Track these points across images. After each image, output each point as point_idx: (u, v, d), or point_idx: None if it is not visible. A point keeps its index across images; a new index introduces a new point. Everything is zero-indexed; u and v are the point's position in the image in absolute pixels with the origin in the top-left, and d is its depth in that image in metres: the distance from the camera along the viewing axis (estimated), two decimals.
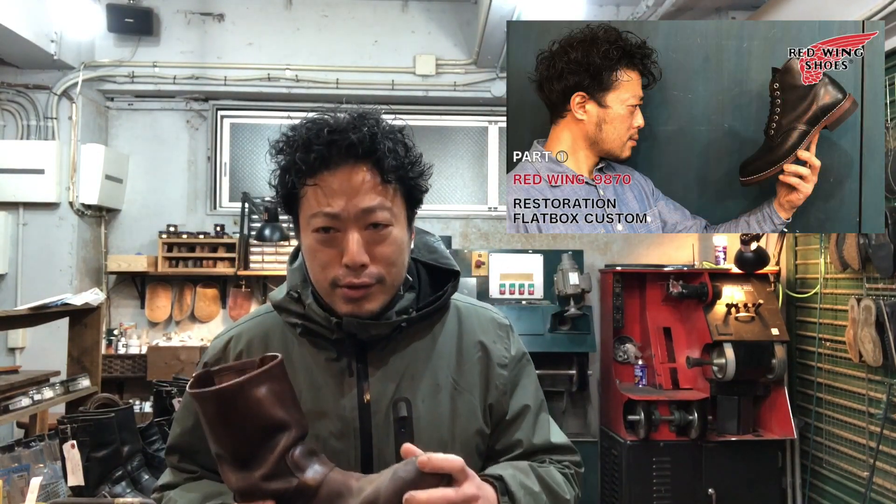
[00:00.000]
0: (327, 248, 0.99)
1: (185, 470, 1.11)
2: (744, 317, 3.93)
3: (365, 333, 1.02)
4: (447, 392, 1.07)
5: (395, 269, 1.02)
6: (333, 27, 4.54)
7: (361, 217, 0.98)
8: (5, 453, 1.91)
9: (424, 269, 1.13)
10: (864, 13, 3.29)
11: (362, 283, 0.99)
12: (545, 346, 4.06)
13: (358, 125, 0.99)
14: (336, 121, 0.99)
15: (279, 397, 0.88)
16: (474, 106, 4.72)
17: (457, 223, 4.76)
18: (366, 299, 1.01)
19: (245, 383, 0.85)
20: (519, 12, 3.65)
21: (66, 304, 2.75)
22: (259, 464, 0.86)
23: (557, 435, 1.15)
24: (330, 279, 1.00)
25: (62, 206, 4.24)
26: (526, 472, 1.04)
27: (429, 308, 1.07)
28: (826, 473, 3.85)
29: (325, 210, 0.97)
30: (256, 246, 4.41)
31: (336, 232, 0.99)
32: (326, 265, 1.00)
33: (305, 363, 1.06)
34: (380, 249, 1.00)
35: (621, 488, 3.91)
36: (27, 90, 4.26)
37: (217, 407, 0.85)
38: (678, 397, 3.92)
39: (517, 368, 1.15)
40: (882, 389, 3.34)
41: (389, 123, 1.03)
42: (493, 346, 1.12)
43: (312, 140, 0.97)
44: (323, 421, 1.02)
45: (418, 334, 1.08)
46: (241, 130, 4.79)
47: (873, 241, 3.28)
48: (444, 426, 1.05)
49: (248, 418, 0.85)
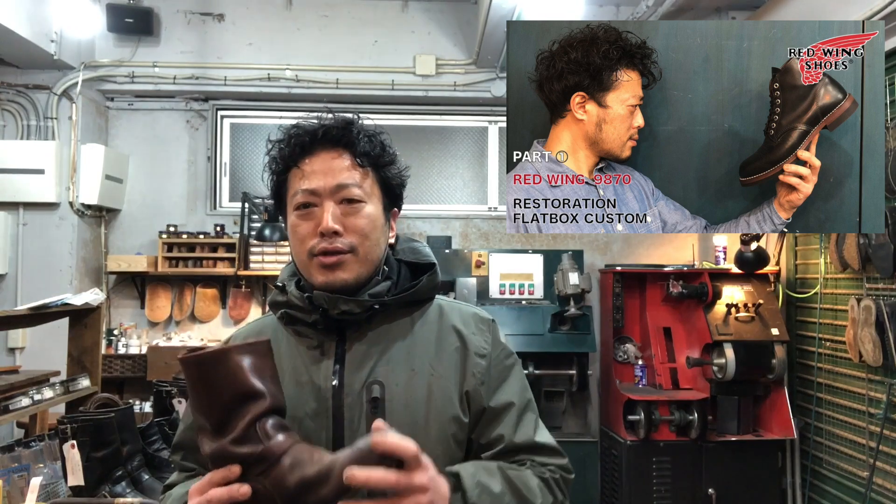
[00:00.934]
0: (306, 221, 1.10)
1: (186, 468, 1.15)
2: (744, 317, 3.93)
3: (334, 308, 1.08)
4: (423, 378, 1.10)
5: (369, 243, 1.11)
6: (333, 27, 4.54)
7: (336, 192, 1.09)
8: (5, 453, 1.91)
9: (407, 269, 1.19)
10: (864, 13, 3.29)
11: (335, 248, 1.08)
12: (545, 346, 4.06)
13: (336, 121, 1.13)
14: (319, 119, 1.14)
15: (257, 369, 0.94)
16: (474, 106, 4.72)
17: (457, 223, 4.76)
18: (339, 268, 1.08)
19: (227, 350, 0.92)
20: (519, 12, 3.65)
21: (66, 304, 2.75)
22: (230, 430, 0.91)
23: (543, 436, 1.15)
24: (307, 250, 1.09)
25: (62, 206, 4.24)
26: (491, 471, 1.04)
27: (403, 294, 1.13)
28: (826, 473, 3.85)
29: (304, 187, 1.10)
30: (256, 246, 4.41)
31: (314, 207, 1.10)
32: (304, 237, 1.10)
33: (290, 352, 1.13)
34: (352, 221, 1.09)
35: (621, 488, 3.91)
36: (27, 90, 4.26)
37: (199, 371, 0.91)
38: (678, 397, 3.92)
39: (502, 365, 1.16)
40: (882, 389, 3.34)
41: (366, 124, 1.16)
42: (472, 337, 1.15)
43: (298, 133, 1.12)
44: (300, 403, 1.07)
45: (397, 322, 1.14)
46: (241, 130, 4.79)
47: (873, 241, 3.28)
48: (418, 410, 1.08)
49: (225, 384, 0.91)
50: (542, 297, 4.36)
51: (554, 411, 4.36)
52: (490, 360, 1.14)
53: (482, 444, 1.12)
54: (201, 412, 0.93)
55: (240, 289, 4.56)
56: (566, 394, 4.30)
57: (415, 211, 4.72)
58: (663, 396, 3.93)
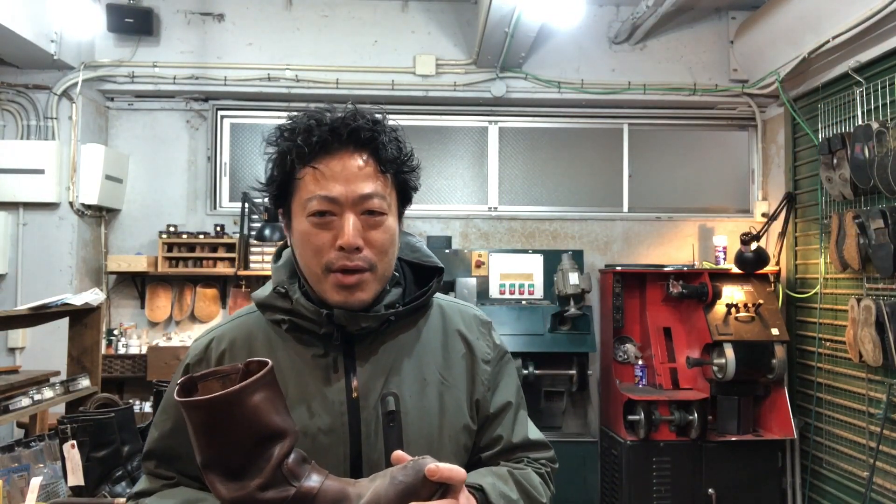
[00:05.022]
0: (322, 231, 1.00)
1: (162, 476, 1.08)
2: (744, 317, 3.93)
3: (355, 326, 1.02)
4: (434, 387, 1.07)
5: (387, 259, 1.04)
6: (333, 27, 4.54)
7: (359, 202, 0.99)
8: (5, 453, 1.91)
9: (408, 268, 1.15)
10: (864, 13, 3.29)
11: (356, 266, 0.99)
12: (545, 346, 4.06)
13: (357, 116, 1.02)
14: (336, 112, 1.03)
15: (273, 405, 0.86)
16: (474, 106, 4.72)
17: (457, 223, 4.76)
18: (358, 288, 1.01)
19: (241, 391, 0.83)
20: (519, 12, 3.64)
21: (66, 304, 2.74)
22: (254, 473, 0.84)
23: (534, 432, 1.16)
24: (323, 264, 1.00)
25: (62, 206, 4.24)
26: (505, 478, 1.05)
27: (416, 302, 1.09)
28: (826, 473, 3.85)
29: (323, 193, 0.99)
30: (256, 246, 4.40)
31: (332, 216, 1.00)
32: (320, 249, 1.00)
33: (291, 361, 1.06)
34: (374, 235, 1.01)
35: (621, 488, 3.91)
36: (27, 90, 4.26)
37: (210, 415, 0.83)
38: (678, 397, 3.93)
39: (499, 365, 1.16)
40: (882, 389, 3.34)
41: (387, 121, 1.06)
42: (477, 343, 1.13)
43: (314, 126, 1.00)
44: (311, 417, 1.02)
45: (404, 330, 1.09)
46: (241, 130, 4.79)
47: (873, 241, 3.28)
48: (432, 421, 1.06)
49: (243, 427, 0.83)
50: (542, 297, 4.36)
51: (554, 411, 4.36)
52: (492, 365, 1.14)
53: (481, 445, 1.12)
54: (210, 454, 0.85)
55: (240, 289, 4.56)
56: (566, 394, 4.30)
57: (415, 211, 4.71)
58: (663, 396, 3.93)
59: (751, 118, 4.74)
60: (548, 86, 4.53)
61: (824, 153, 3.66)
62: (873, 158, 3.26)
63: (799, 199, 4.21)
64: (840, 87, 3.75)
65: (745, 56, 4.46)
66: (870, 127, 3.30)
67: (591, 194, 4.84)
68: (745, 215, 4.79)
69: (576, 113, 4.78)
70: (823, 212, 3.88)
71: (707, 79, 4.58)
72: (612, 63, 4.60)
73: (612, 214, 4.79)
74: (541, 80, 4.53)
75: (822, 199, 3.89)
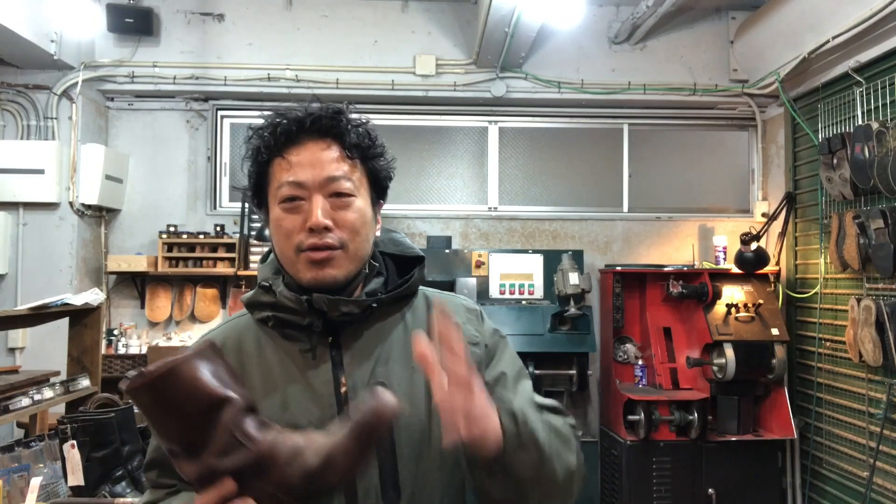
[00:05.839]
0: (292, 214, 1.04)
1: (164, 485, 1.08)
2: (744, 317, 3.93)
3: (335, 310, 1.04)
4: (422, 374, 1.05)
5: (359, 239, 1.06)
6: (333, 27, 4.54)
7: (325, 185, 1.04)
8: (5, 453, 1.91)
9: (392, 261, 1.17)
10: (864, 13, 3.29)
11: (325, 244, 1.02)
12: (545, 346, 4.06)
13: (324, 110, 1.07)
14: (304, 107, 1.09)
15: (214, 374, 0.85)
16: (474, 106, 4.72)
17: (457, 223, 4.76)
18: (328, 264, 1.03)
19: (175, 365, 0.82)
20: (519, 12, 3.65)
21: (66, 304, 2.74)
22: (208, 444, 0.83)
23: (542, 399, 1.11)
24: (294, 245, 1.04)
25: (62, 206, 4.24)
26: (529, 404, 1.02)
27: (398, 290, 1.10)
28: (826, 473, 3.85)
29: (290, 179, 1.04)
30: (256, 246, 4.40)
31: (301, 200, 1.04)
32: (290, 233, 1.04)
33: (279, 357, 1.07)
34: (342, 215, 1.04)
35: (621, 488, 3.91)
36: (27, 90, 4.26)
37: (152, 396, 0.82)
38: (678, 397, 3.93)
39: (492, 343, 1.15)
40: (882, 389, 3.34)
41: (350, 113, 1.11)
42: (463, 327, 1.11)
43: (280, 120, 1.07)
44: (301, 410, 1.03)
45: (388, 319, 1.10)
46: (241, 130, 4.78)
47: (873, 241, 3.28)
48: (421, 408, 1.06)
49: (185, 400, 0.82)
50: (542, 297, 4.35)
51: None
52: (482, 347, 1.13)
53: None
54: (167, 437, 0.85)
55: (240, 289, 4.56)
56: (566, 394, 4.30)
57: (415, 211, 4.72)
58: (663, 396, 3.93)
59: (751, 118, 4.74)
60: (548, 86, 4.53)
61: (824, 153, 3.66)
62: (873, 158, 3.26)
63: (799, 199, 4.21)
64: (840, 87, 3.75)
65: (745, 56, 4.46)
66: (870, 127, 3.30)
67: (591, 194, 4.84)
68: (745, 215, 4.79)
69: (576, 113, 4.78)
70: (823, 212, 3.88)
71: (707, 79, 4.59)
72: (612, 63, 4.60)
73: (611, 214, 4.79)
74: (541, 80, 4.53)
75: (822, 199, 3.89)
